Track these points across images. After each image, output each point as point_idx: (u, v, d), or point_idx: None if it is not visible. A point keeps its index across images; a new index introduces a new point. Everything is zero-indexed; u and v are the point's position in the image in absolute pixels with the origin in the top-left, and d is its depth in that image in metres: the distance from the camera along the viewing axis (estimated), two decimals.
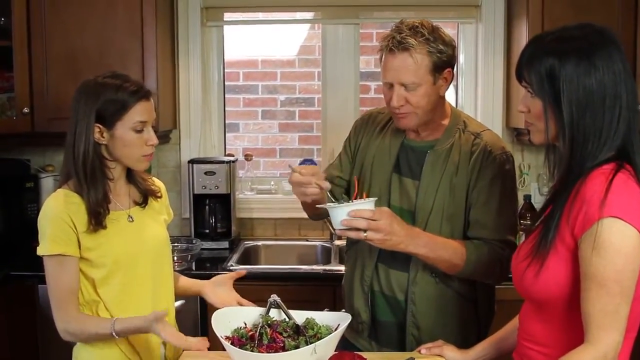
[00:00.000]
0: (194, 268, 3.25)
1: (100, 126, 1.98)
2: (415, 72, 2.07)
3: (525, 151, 3.61)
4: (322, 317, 1.97)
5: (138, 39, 3.25)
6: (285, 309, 1.99)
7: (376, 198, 2.03)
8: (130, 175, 2.13)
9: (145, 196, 2.15)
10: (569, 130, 1.57)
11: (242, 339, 1.86)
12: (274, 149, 4.22)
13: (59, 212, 1.97)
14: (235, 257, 3.36)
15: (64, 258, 1.96)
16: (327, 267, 3.19)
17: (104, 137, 1.99)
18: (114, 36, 3.26)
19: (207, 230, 3.55)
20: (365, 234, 1.94)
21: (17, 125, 3.26)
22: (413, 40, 2.05)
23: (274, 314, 2.00)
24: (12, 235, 3.29)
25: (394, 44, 2.07)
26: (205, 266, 3.31)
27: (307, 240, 3.69)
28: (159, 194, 2.20)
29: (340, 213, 1.94)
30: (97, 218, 1.98)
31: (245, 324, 1.96)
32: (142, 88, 2.02)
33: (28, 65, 3.26)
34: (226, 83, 4.00)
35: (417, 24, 2.09)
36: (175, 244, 3.28)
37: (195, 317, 3.05)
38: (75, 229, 1.96)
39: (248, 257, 3.54)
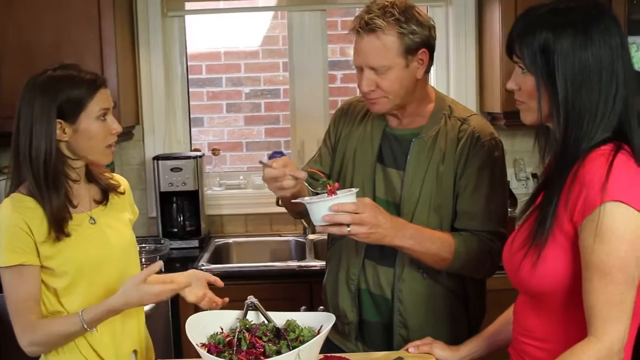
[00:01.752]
0: (163, 269, 3.09)
1: (62, 122, 1.84)
2: (384, 55, 1.94)
3: (502, 136, 3.48)
4: (304, 318, 1.85)
5: (95, 30, 3.08)
6: (264, 311, 1.87)
7: (358, 189, 1.91)
8: (90, 173, 1.99)
9: (106, 192, 2.01)
10: (563, 107, 1.46)
11: (219, 346, 1.73)
12: (240, 143, 4.10)
13: (14, 219, 1.82)
14: (206, 256, 3.22)
15: (24, 268, 1.82)
16: (302, 263, 3.07)
17: (66, 134, 1.85)
18: (70, 28, 3.08)
19: (176, 229, 3.41)
20: (348, 229, 1.82)
21: None
22: (381, 21, 1.92)
23: (252, 316, 1.88)
24: None
25: (361, 25, 1.94)
26: (175, 267, 3.16)
27: (280, 236, 3.57)
28: (120, 189, 2.06)
29: (321, 208, 1.81)
30: (59, 226, 1.84)
31: (222, 329, 1.83)
32: (97, 76, 1.91)
33: None
34: (189, 76, 3.86)
35: (387, 4, 1.95)
36: (143, 245, 3.16)
37: (167, 321, 2.91)
38: (33, 236, 1.82)
39: (219, 255, 3.40)
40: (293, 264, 3.09)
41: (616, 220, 1.38)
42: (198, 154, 3.46)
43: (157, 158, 3.38)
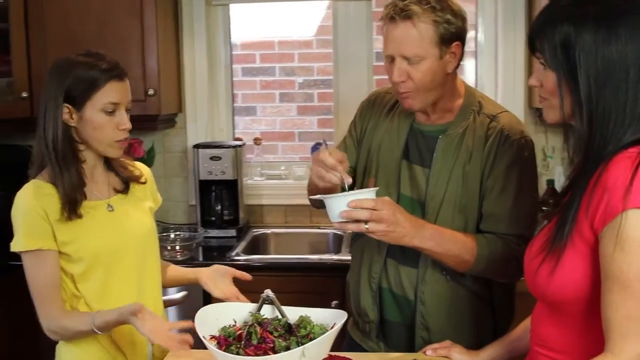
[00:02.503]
0: (200, 258, 3.12)
1: (70, 107, 1.84)
2: (419, 44, 1.87)
3: (549, 132, 3.39)
4: (318, 315, 1.80)
5: (137, 19, 3.11)
6: (279, 305, 1.84)
7: (377, 187, 1.85)
8: (109, 162, 1.99)
9: (127, 183, 2.00)
10: (586, 106, 1.38)
11: (229, 339, 1.71)
12: (292, 133, 4.08)
13: (31, 205, 1.84)
14: (242, 245, 3.22)
15: (42, 253, 1.84)
16: (337, 257, 3.02)
17: (73, 119, 1.86)
18: (113, 17, 3.12)
19: (214, 218, 3.41)
20: (366, 226, 1.76)
21: (16, 110, 3.16)
22: (417, 7, 1.85)
23: (268, 310, 1.85)
24: None
25: (396, 12, 1.87)
26: (211, 255, 3.17)
27: (319, 228, 3.53)
28: (142, 180, 2.05)
29: (338, 204, 1.75)
30: (71, 205, 1.84)
31: (235, 322, 1.81)
32: (115, 67, 1.88)
33: (26, 49, 3.15)
34: (243, 65, 3.87)
35: None
36: (178, 232, 3.17)
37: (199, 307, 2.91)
38: (50, 222, 1.83)
39: (256, 245, 3.39)
40: (327, 257, 3.05)
41: (639, 229, 1.29)
42: (238, 143, 3.45)
43: (197, 146, 3.39)
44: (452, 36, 1.90)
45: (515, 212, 1.93)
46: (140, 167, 2.10)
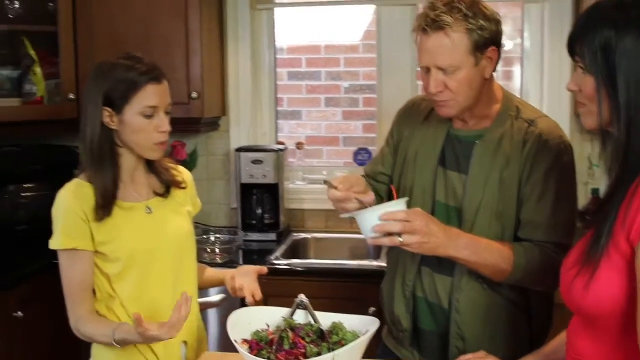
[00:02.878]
0: (240, 261, 3.13)
1: (110, 110, 1.87)
2: (454, 54, 1.84)
3: (595, 141, 3.31)
4: (351, 322, 1.80)
5: (182, 22, 3.14)
6: (312, 311, 1.83)
7: (407, 198, 1.84)
8: (151, 164, 2.00)
9: (168, 187, 2.02)
10: (625, 113, 1.34)
11: (261, 343, 1.71)
12: (337, 138, 4.08)
13: (71, 204, 1.87)
14: (282, 249, 3.23)
15: (77, 252, 1.87)
16: (377, 264, 3.00)
17: (113, 122, 1.88)
18: (159, 20, 3.16)
19: (255, 222, 3.42)
20: (400, 239, 1.74)
21: (64, 112, 3.22)
22: (449, 17, 1.82)
23: (301, 316, 1.85)
24: None
25: (428, 23, 1.84)
26: (250, 259, 3.18)
27: (360, 234, 3.50)
28: (182, 185, 2.07)
29: (370, 219, 1.74)
30: (103, 205, 1.86)
31: (268, 327, 1.81)
32: (152, 70, 1.89)
33: (74, 51, 3.22)
34: (289, 70, 3.88)
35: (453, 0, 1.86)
36: (218, 235, 3.20)
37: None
38: (89, 222, 1.86)
39: (296, 250, 3.39)
40: (366, 263, 3.03)
41: None
42: (280, 147, 3.46)
43: (239, 150, 3.41)
44: (487, 42, 1.87)
45: (554, 219, 1.89)
46: (183, 172, 2.12)
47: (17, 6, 3.16)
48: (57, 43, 3.18)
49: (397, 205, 1.76)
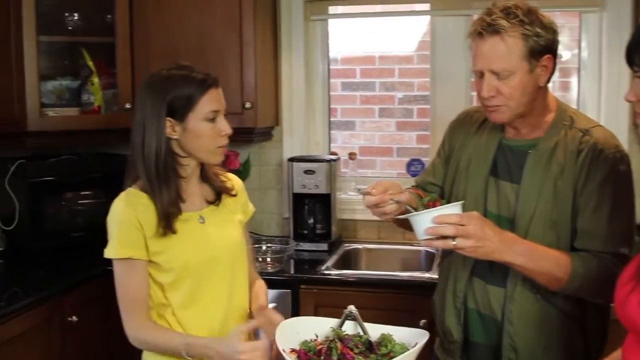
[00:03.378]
0: (291, 270, 3.13)
1: (172, 120, 1.89)
2: (508, 58, 1.82)
3: None
4: (400, 334, 1.78)
5: (236, 33, 3.17)
6: (361, 322, 1.82)
7: (463, 202, 1.81)
8: (203, 173, 2.02)
9: (219, 194, 2.03)
10: None
11: (309, 353, 1.71)
12: (390, 148, 4.07)
13: (127, 214, 1.89)
14: (333, 259, 3.22)
15: (132, 262, 1.89)
16: (428, 275, 2.95)
17: (175, 131, 1.90)
18: (213, 31, 3.20)
19: (306, 231, 3.42)
20: (454, 242, 1.73)
21: (121, 121, 3.28)
22: (505, 22, 1.81)
23: (350, 327, 1.83)
24: None
25: (483, 27, 1.84)
26: (302, 268, 3.17)
27: (412, 245, 3.48)
28: (233, 192, 2.08)
29: (424, 220, 1.74)
30: (167, 220, 1.88)
31: (317, 337, 1.80)
32: (209, 76, 1.92)
33: (130, 62, 3.28)
34: (343, 80, 3.89)
35: (510, 5, 1.84)
36: (270, 245, 3.20)
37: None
38: (144, 231, 1.88)
39: (347, 260, 3.37)
40: (418, 275, 2.99)
41: None
42: (332, 157, 3.45)
43: (292, 160, 3.41)
44: (543, 49, 1.85)
45: (611, 229, 1.85)
46: (232, 178, 2.13)
47: (76, 18, 3.24)
48: (114, 54, 3.26)
49: (452, 209, 1.75)
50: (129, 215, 1.88)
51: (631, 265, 1.42)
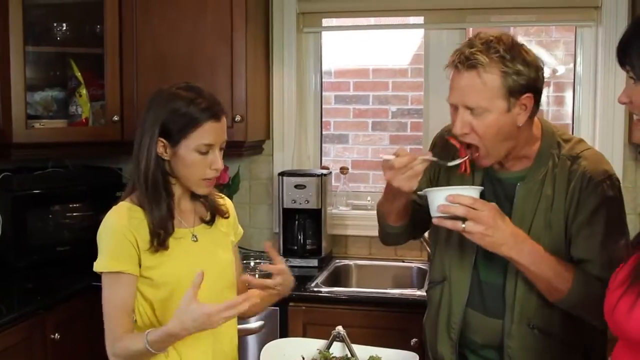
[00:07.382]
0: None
1: (164, 141, 1.83)
2: (483, 95, 1.75)
3: None
4: (389, 356, 1.73)
5: (227, 44, 3.12)
6: (349, 343, 1.77)
7: (482, 187, 1.78)
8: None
9: (213, 215, 1.99)
10: None
11: None
12: None
13: (121, 227, 1.83)
14: (323, 276, 3.16)
15: (122, 275, 1.83)
16: (420, 293, 2.88)
17: (167, 153, 1.85)
18: (204, 41, 3.15)
19: (296, 247, 3.35)
20: (463, 225, 1.70)
21: (108, 134, 3.24)
22: (483, 57, 1.74)
23: (337, 348, 1.78)
24: None
25: (461, 60, 1.76)
26: None
27: (403, 262, 3.43)
28: (226, 215, 2.03)
29: (439, 197, 1.73)
30: (159, 238, 1.83)
31: (303, 358, 1.74)
32: (214, 105, 1.85)
33: (119, 73, 3.23)
34: (336, 93, 3.84)
35: (492, 38, 1.77)
36: (258, 260, 3.15)
37: (275, 338, 2.86)
38: (137, 246, 1.83)
39: (338, 277, 3.32)
40: (409, 292, 2.94)
41: None
42: (323, 171, 3.40)
43: (282, 174, 3.36)
44: (522, 88, 1.78)
45: (606, 254, 1.80)
46: (226, 201, 2.09)
47: (64, 28, 3.19)
48: (102, 65, 3.20)
49: (469, 191, 1.73)
50: (123, 229, 1.84)
51: (622, 271, 1.39)
